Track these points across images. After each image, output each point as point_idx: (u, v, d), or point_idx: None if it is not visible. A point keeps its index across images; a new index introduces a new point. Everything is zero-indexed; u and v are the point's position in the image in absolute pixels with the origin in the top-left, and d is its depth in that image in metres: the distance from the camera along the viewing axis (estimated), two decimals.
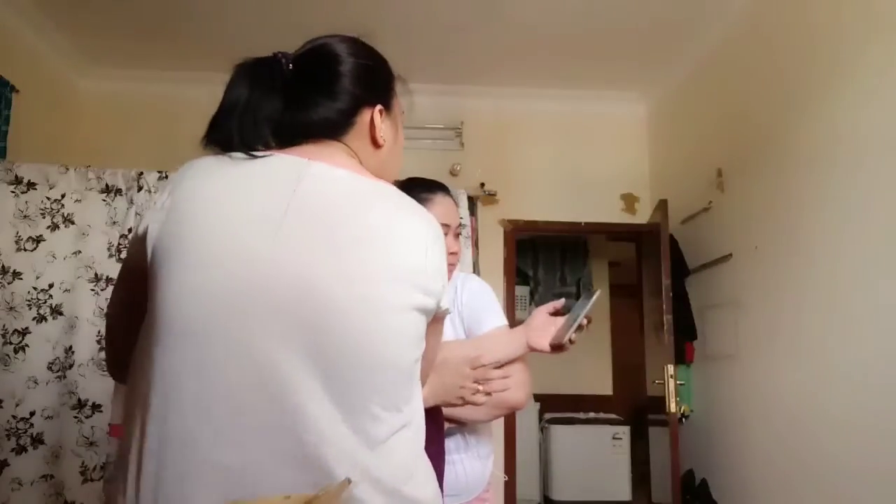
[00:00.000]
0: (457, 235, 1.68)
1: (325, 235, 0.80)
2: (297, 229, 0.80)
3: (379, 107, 0.96)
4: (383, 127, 0.96)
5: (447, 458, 1.54)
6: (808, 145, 2.59)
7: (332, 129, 0.92)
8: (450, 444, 1.56)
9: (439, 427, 1.39)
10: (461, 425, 1.56)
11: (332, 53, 0.94)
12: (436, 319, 0.92)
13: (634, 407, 5.05)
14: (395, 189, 0.90)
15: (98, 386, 2.61)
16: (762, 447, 2.83)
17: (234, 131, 0.87)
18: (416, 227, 0.86)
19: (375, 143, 0.96)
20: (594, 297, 1.45)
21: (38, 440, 2.54)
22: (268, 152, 0.87)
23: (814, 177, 2.54)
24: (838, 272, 2.38)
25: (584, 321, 1.42)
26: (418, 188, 1.60)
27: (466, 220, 3.14)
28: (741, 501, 2.98)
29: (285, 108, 0.91)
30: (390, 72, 1.01)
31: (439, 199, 1.62)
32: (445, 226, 1.57)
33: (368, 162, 0.95)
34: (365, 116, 0.94)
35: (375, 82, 0.97)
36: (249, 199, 0.82)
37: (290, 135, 0.92)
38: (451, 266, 1.64)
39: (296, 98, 0.91)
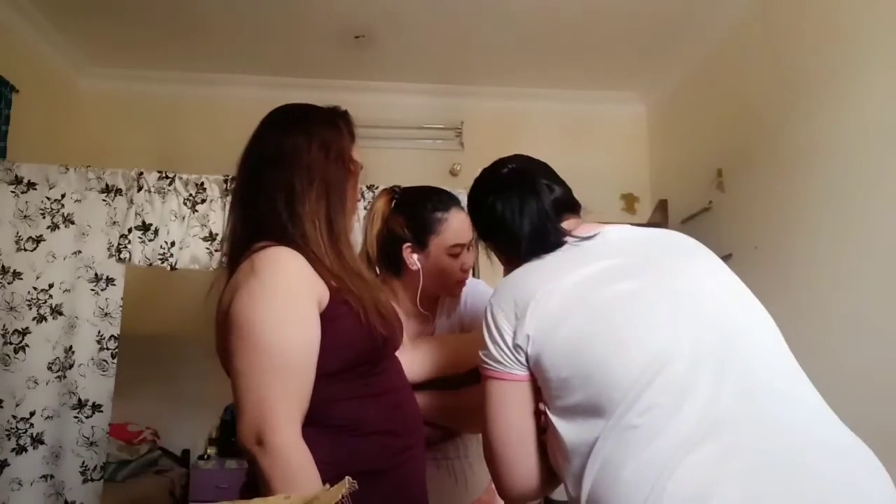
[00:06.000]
0: (469, 248, 1.54)
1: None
2: None
3: None
4: None
5: (443, 462, 1.52)
6: (808, 145, 2.59)
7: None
8: (447, 448, 1.54)
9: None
10: (456, 434, 1.54)
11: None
12: None
13: None
14: None
15: (98, 386, 2.60)
16: None
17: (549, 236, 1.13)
18: None
19: None
20: None
21: (38, 440, 2.53)
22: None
23: (814, 177, 2.54)
24: (838, 272, 2.38)
25: None
26: (430, 205, 1.51)
27: None
28: None
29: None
30: None
31: (454, 216, 1.52)
32: (460, 245, 1.50)
33: None
34: None
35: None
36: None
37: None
38: (463, 283, 1.57)
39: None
